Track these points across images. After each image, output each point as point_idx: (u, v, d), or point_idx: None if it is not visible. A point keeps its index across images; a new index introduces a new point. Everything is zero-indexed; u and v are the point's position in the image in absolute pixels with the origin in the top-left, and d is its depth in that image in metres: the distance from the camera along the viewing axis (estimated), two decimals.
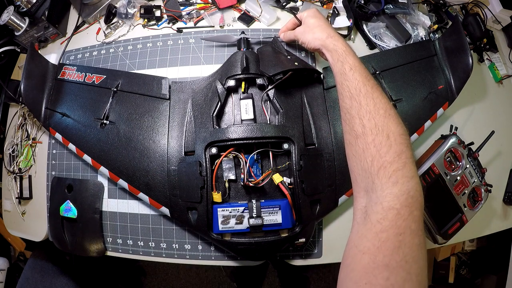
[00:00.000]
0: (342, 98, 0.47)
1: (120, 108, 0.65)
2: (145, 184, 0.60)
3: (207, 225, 0.55)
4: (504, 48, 0.81)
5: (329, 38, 0.53)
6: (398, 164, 0.37)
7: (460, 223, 0.61)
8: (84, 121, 0.66)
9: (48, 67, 0.73)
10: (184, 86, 0.64)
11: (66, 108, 0.68)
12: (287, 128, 0.55)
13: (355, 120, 0.43)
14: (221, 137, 0.54)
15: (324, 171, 0.57)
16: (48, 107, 0.69)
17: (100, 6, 0.77)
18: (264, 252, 0.56)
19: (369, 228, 0.35)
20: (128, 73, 0.68)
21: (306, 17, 0.59)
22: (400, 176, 0.36)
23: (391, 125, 0.40)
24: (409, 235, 0.33)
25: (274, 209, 0.54)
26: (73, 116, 0.67)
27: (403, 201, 0.35)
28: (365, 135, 0.41)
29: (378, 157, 0.38)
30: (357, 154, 0.41)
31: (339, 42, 0.52)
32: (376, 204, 0.36)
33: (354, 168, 0.42)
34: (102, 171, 0.63)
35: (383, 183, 0.37)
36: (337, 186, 0.58)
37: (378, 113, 0.41)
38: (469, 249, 1.29)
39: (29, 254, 1.03)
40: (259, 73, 0.58)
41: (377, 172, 0.38)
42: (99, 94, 0.67)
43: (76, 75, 0.71)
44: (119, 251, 0.68)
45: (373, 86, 0.44)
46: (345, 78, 0.47)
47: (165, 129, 0.61)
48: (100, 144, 0.63)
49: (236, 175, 0.56)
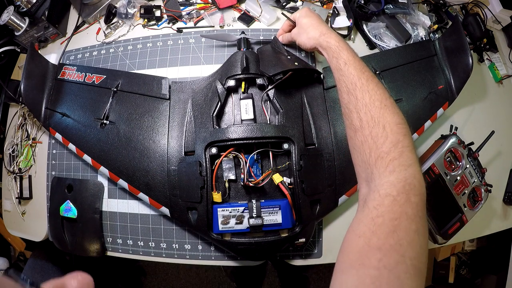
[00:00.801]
0: (340, 94, 0.48)
1: (120, 108, 0.65)
2: (145, 184, 0.60)
3: (207, 225, 0.55)
4: (504, 48, 0.81)
5: (322, 36, 0.53)
6: (394, 153, 0.38)
7: (460, 223, 0.61)
8: (84, 121, 0.66)
9: (48, 67, 0.73)
10: (184, 86, 0.64)
11: (66, 108, 0.68)
12: (287, 128, 0.55)
13: (353, 114, 0.44)
14: (221, 137, 0.54)
15: (324, 171, 0.57)
16: (48, 107, 0.69)
17: (100, 6, 0.77)
18: (264, 252, 0.56)
19: (366, 214, 0.36)
20: (128, 73, 0.68)
21: (298, 17, 0.60)
22: (396, 165, 0.37)
23: (387, 116, 0.41)
24: (405, 220, 0.33)
25: (274, 209, 0.54)
26: (73, 116, 0.67)
27: (400, 188, 0.35)
28: (362, 129, 0.42)
29: (375, 149, 0.39)
30: (357, 147, 0.42)
31: (332, 38, 0.52)
32: (374, 192, 0.37)
33: (355, 161, 0.44)
34: (102, 171, 0.63)
35: (380, 173, 0.38)
36: (337, 186, 0.58)
37: (374, 105, 0.42)
38: (469, 249, 1.29)
39: (29, 254, 1.03)
40: (259, 73, 0.58)
41: (375, 163, 0.39)
42: (99, 94, 0.67)
43: (76, 75, 0.71)
44: (119, 251, 0.68)
45: (368, 78, 0.45)
46: (341, 73, 0.48)
47: (165, 129, 0.61)
48: (100, 144, 0.63)
49: (236, 175, 0.56)
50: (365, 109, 0.42)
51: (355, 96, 0.44)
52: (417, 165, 0.38)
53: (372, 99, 0.42)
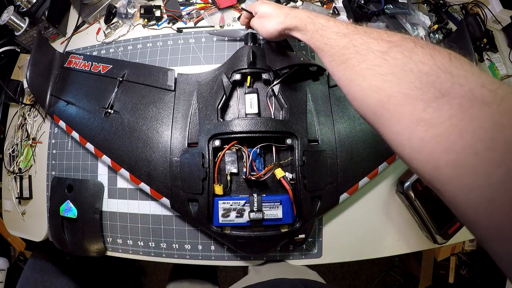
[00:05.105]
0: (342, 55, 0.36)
1: (125, 97, 0.65)
2: (147, 174, 0.60)
3: (207, 217, 0.55)
4: (504, 48, 0.81)
5: (288, 16, 0.48)
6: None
7: (460, 223, 0.61)
8: (89, 110, 0.66)
9: (55, 55, 0.74)
10: (190, 78, 0.64)
11: (71, 96, 0.69)
12: (291, 123, 0.55)
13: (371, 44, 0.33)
14: (225, 130, 0.54)
15: (326, 168, 0.57)
16: (54, 94, 0.70)
17: (100, 6, 0.77)
18: (263, 247, 0.56)
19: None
20: (135, 64, 0.69)
21: (256, 6, 0.55)
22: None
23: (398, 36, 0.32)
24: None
25: (275, 204, 0.54)
26: (77, 104, 0.67)
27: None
28: (397, 45, 0.31)
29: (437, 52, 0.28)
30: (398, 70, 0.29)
31: (299, 13, 0.46)
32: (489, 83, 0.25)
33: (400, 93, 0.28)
34: (104, 159, 0.63)
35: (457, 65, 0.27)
36: (339, 183, 0.58)
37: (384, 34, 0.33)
38: (469, 249, 1.29)
39: (29, 254, 1.03)
40: (265, 68, 0.58)
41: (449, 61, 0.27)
42: (105, 84, 0.68)
43: (83, 64, 0.71)
44: (119, 251, 0.68)
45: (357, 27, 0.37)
46: (325, 36, 0.39)
47: (169, 120, 0.61)
48: (104, 133, 0.64)
49: (238, 169, 0.56)
50: (382, 35, 0.33)
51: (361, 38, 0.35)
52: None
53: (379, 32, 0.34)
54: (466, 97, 0.24)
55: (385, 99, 0.29)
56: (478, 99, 0.24)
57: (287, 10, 0.49)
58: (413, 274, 1.46)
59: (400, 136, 0.28)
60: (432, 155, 0.25)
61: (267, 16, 0.51)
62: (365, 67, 0.32)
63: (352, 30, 0.36)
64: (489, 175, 0.21)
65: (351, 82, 0.34)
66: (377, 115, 0.31)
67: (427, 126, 0.26)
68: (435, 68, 0.27)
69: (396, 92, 0.29)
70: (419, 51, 0.29)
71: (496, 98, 0.23)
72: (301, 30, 0.45)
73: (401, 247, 0.65)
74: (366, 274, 1.51)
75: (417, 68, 0.28)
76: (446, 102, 0.25)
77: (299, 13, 0.46)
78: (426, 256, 1.35)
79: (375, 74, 0.31)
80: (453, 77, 0.26)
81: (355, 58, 0.34)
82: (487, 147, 0.22)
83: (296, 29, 0.46)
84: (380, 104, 0.30)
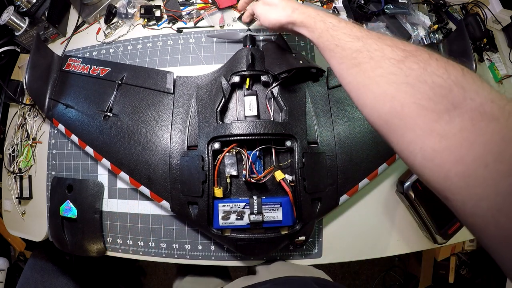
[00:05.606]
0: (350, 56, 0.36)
1: (124, 101, 0.65)
2: (147, 177, 0.60)
3: (208, 220, 0.55)
4: (504, 48, 0.81)
5: (296, 10, 0.46)
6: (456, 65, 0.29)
7: (460, 223, 0.61)
8: (88, 113, 0.66)
9: (54, 58, 0.74)
10: (189, 81, 0.64)
11: (70, 99, 0.69)
12: (290, 125, 0.55)
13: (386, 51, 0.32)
14: (224, 132, 0.54)
15: (326, 170, 0.57)
16: (52, 97, 0.69)
17: (100, 6, 0.77)
18: (263, 249, 0.56)
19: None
20: (133, 66, 0.69)
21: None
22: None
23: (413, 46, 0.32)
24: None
25: (275, 206, 0.54)
26: (76, 108, 0.67)
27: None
28: (412, 55, 0.31)
29: (450, 66, 0.29)
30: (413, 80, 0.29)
31: (307, 9, 0.45)
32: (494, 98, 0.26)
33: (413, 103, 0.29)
34: (104, 163, 0.63)
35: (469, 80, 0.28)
36: (339, 185, 0.58)
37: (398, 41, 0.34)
38: (469, 249, 1.29)
39: (29, 254, 1.03)
40: (264, 70, 0.58)
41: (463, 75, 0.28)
42: (104, 87, 0.67)
43: (81, 67, 0.71)
44: (119, 251, 0.68)
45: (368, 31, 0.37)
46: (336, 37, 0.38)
47: (169, 123, 0.61)
48: (103, 136, 0.64)
49: (238, 171, 0.56)
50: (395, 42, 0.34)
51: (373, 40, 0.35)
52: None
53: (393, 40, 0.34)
54: (476, 111, 0.25)
55: (399, 108, 0.30)
56: (488, 114, 0.25)
57: (295, 4, 0.47)
58: (413, 274, 1.47)
59: (412, 145, 0.29)
60: (443, 165, 0.26)
61: (273, 5, 0.49)
62: (379, 73, 0.32)
63: (366, 34, 0.36)
64: (498, 186, 0.23)
65: (364, 88, 0.34)
66: (388, 123, 0.31)
67: (439, 137, 0.27)
68: (449, 82, 0.28)
69: (411, 102, 0.29)
70: (434, 63, 0.29)
71: (505, 114, 0.24)
72: (308, 27, 0.44)
73: (401, 247, 0.65)
74: (366, 274, 1.51)
75: (432, 80, 0.28)
76: (457, 115, 0.26)
77: (308, 9, 0.45)
78: (426, 256, 1.35)
79: (389, 82, 0.31)
80: (465, 92, 0.27)
81: (368, 63, 0.34)
82: (496, 159, 0.23)
83: (302, 25, 0.45)
84: (393, 113, 0.30)
